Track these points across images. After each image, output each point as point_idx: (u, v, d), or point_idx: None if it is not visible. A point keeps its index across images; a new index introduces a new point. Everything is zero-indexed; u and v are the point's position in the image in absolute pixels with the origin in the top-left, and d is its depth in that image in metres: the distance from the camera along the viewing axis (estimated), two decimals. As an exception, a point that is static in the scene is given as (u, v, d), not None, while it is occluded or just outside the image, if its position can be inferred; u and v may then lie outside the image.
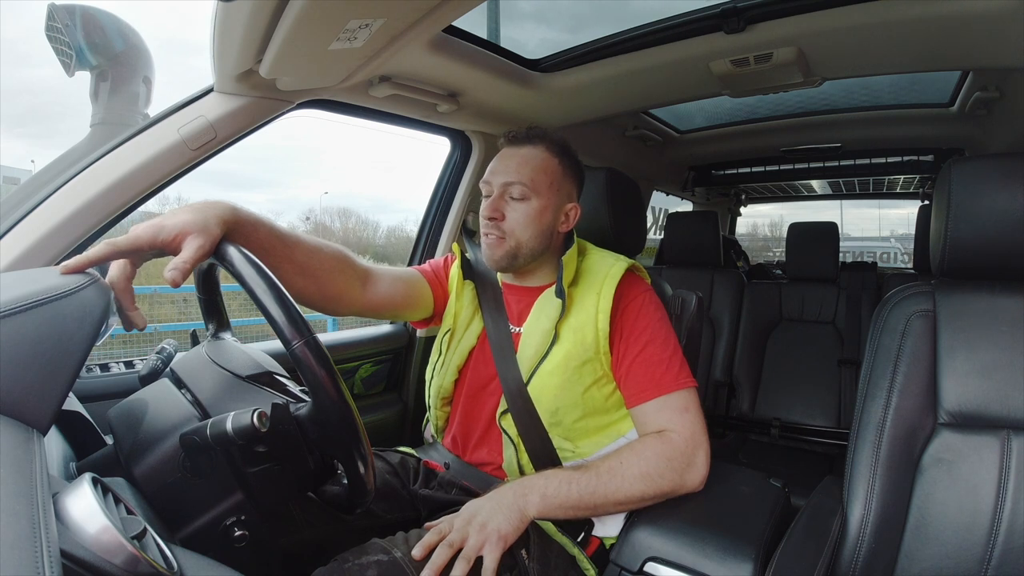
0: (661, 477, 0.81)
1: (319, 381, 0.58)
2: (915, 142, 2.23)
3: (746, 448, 2.00)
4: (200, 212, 0.67)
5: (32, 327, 0.47)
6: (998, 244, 0.76)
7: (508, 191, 0.93)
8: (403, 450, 1.05)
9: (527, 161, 0.93)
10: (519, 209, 0.93)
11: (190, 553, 0.52)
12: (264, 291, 0.59)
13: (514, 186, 0.92)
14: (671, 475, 0.82)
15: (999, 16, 0.99)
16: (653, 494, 0.81)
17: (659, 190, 2.87)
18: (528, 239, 0.93)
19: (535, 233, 0.94)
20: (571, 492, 0.79)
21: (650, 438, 0.85)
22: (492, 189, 0.95)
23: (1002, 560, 0.71)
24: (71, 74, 0.96)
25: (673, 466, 0.82)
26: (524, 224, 0.93)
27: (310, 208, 36.87)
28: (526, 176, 0.92)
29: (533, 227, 0.93)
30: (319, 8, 0.76)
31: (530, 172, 0.93)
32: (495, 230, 0.93)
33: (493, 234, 0.93)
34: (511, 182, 0.93)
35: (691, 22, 1.16)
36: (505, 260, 0.94)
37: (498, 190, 0.94)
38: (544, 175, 0.94)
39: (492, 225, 0.93)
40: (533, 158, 0.94)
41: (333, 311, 0.94)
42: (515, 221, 0.93)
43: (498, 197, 0.93)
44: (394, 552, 0.71)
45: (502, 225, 0.93)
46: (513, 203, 0.93)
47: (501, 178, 0.93)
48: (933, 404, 0.79)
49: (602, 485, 0.80)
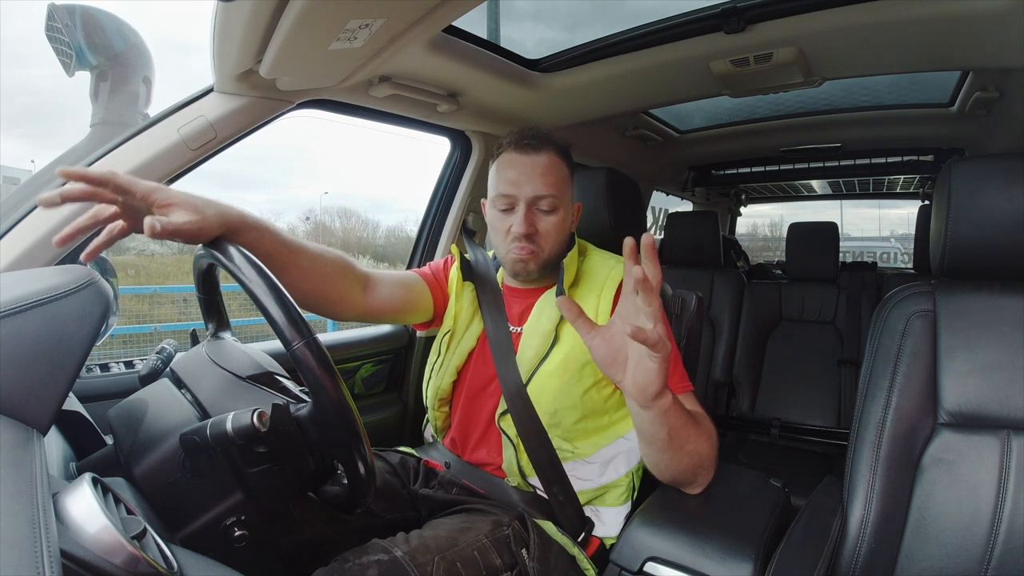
0: (713, 444, 0.80)
1: (319, 382, 0.58)
2: (915, 142, 2.23)
3: (746, 448, 2.00)
4: (203, 201, 0.69)
5: (32, 327, 0.48)
6: (998, 244, 0.76)
7: (537, 204, 0.91)
8: (403, 450, 1.05)
9: (549, 171, 0.91)
10: (550, 221, 0.92)
11: (190, 553, 0.52)
12: (264, 292, 0.59)
13: (544, 199, 0.91)
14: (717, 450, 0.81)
15: (999, 16, 0.99)
16: (706, 457, 0.79)
17: (659, 190, 2.87)
18: (557, 248, 0.94)
19: (561, 241, 0.94)
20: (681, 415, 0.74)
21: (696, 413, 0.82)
22: (517, 202, 0.91)
23: (1002, 560, 0.71)
24: (71, 74, 0.96)
25: (716, 443, 0.81)
26: (555, 235, 0.92)
27: (310, 208, 36.91)
28: (553, 187, 0.91)
29: (561, 236, 0.94)
30: (319, 8, 0.76)
31: (555, 182, 0.91)
32: (529, 243, 0.91)
33: (527, 247, 0.91)
34: (542, 195, 0.90)
35: (691, 22, 1.16)
36: (537, 271, 0.94)
37: (526, 203, 0.91)
38: (565, 183, 0.93)
39: (526, 240, 0.91)
40: (553, 167, 0.92)
41: (334, 316, 0.94)
42: (547, 234, 0.92)
43: (528, 212, 0.91)
44: (395, 551, 0.71)
45: (536, 239, 0.91)
46: (543, 216, 0.92)
47: (529, 191, 0.90)
48: (933, 404, 0.79)
49: (694, 426, 0.76)
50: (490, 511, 0.87)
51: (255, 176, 47.83)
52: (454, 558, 0.74)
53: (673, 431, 0.73)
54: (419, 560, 0.71)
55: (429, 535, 0.78)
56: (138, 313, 5.98)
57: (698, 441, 0.77)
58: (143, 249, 8.66)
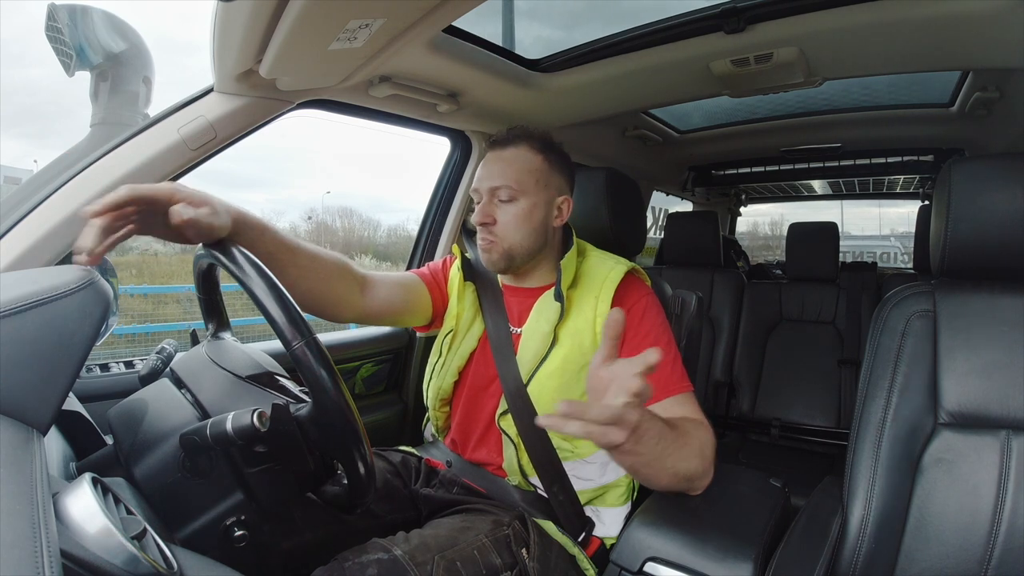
0: (704, 458, 0.77)
1: (320, 382, 0.58)
2: (915, 142, 2.23)
3: (746, 448, 2.01)
4: (216, 199, 0.70)
5: (32, 327, 0.47)
6: (998, 244, 0.76)
7: (496, 195, 0.94)
8: (404, 449, 1.06)
9: (511, 163, 0.94)
10: (508, 211, 0.94)
11: (190, 553, 0.52)
12: (264, 291, 0.59)
13: (500, 189, 0.93)
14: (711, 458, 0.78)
15: (999, 16, 0.99)
16: (694, 473, 0.76)
17: (659, 190, 2.87)
18: (522, 239, 0.94)
19: (528, 232, 0.94)
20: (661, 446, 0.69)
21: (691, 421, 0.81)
22: (481, 195, 0.96)
23: (1002, 560, 0.71)
24: (71, 74, 0.96)
25: (710, 453, 0.78)
26: (515, 225, 0.94)
27: (311, 208, 36.94)
28: (511, 178, 0.93)
29: (525, 226, 0.94)
30: (319, 8, 0.76)
31: (514, 173, 0.93)
32: (488, 234, 0.94)
33: (487, 238, 0.94)
34: (497, 186, 0.94)
35: (691, 22, 1.16)
36: (502, 263, 0.95)
37: (486, 195, 0.95)
38: (529, 174, 0.94)
39: (485, 230, 0.94)
40: (516, 159, 0.95)
41: (333, 317, 0.94)
42: (505, 224, 0.94)
43: (487, 202, 0.95)
44: (394, 550, 0.71)
45: (494, 229, 0.94)
46: (502, 206, 0.94)
47: (487, 183, 0.95)
48: (933, 404, 0.79)
49: (677, 449, 0.72)
50: (490, 511, 0.87)
51: (254, 175, 47.88)
52: (454, 557, 0.74)
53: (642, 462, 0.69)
54: (419, 559, 0.71)
55: (429, 534, 0.78)
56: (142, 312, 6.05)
57: (681, 460, 0.73)
58: (146, 249, 8.70)
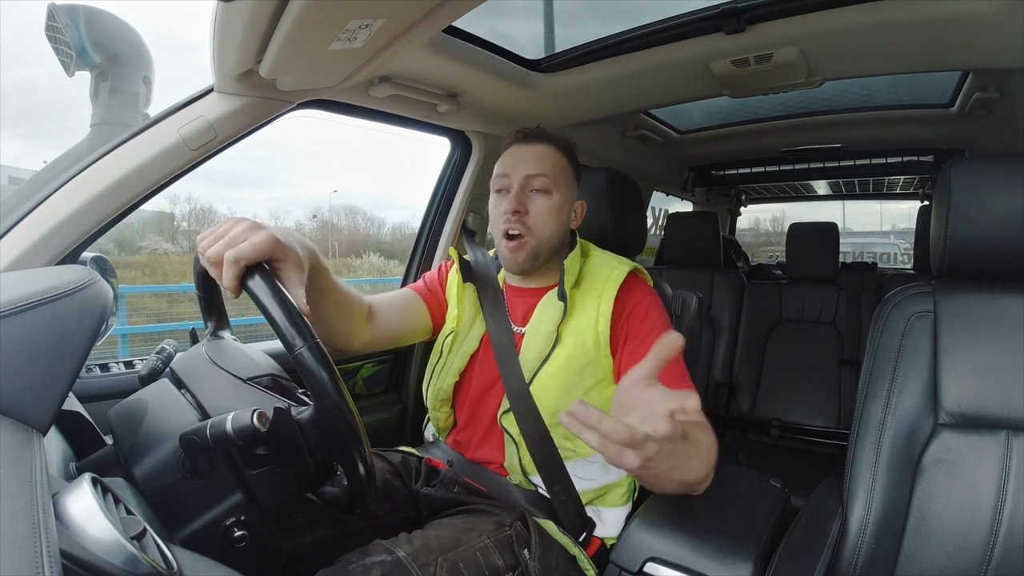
0: (710, 463, 0.73)
1: (322, 386, 0.58)
2: (915, 142, 2.23)
3: (746, 448, 2.01)
4: (297, 240, 0.68)
5: (32, 327, 0.47)
6: (998, 244, 0.76)
7: (530, 183, 0.92)
8: (404, 449, 1.05)
9: (545, 157, 0.93)
10: (542, 203, 0.91)
11: (190, 553, 0.52)
12: (267, 295, 0.59)
13: (537, 178, 0.91)
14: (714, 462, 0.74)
15: (999, 16, 0.99)
16: (699, 479, 0.73)
17: (659, 190, 2.87)
18: (550, 236, 0.93)
19: (556, 229, 0.93)
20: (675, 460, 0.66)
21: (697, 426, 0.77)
22: (511, 183, 0.92)
23: (1002, 560, 0.71)
24: (71, 74, 0.96)
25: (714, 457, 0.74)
26: (548, 219, 0.91)
27: (317, 207, 36.96)
28: (547, 168, 0.92)
29: (555, 222, 0.92)
30: (319, 8, 0.76)
31: (550, 167, 0.92)
32: (519, 225, 0.91)
33: (516, 230, 0.91)
34: (534, 174, 0.91)
35: (691, 22, 1.16)
36: (528, 263, 0.93)
37: (519, 183, 0.91)
38: (561, 171, 0.94)
39: (516, 220, 0.90)
40: (550, 155, 0.94)
41: (343, 350, 0.90)
42: (539, 216, 0.91)
43: (520, 190, 0.91)
44: (397, 552, 0.71)
45: (526, 220, 0.91)
46: (536, 197, 0.92)
47: (523, 171, 0.91)
48: (933, 404, 0.79)
49: (687, 461, 0.69)
50: (492, 511, 0.87)
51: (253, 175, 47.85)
52: (457, 558, 0.74)
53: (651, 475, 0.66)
54: (422, 561, 0.71)
55: (431, 535, 0.78)
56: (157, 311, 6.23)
57: (690, 471, 0.70)
58: (155, 248, 8.78)
